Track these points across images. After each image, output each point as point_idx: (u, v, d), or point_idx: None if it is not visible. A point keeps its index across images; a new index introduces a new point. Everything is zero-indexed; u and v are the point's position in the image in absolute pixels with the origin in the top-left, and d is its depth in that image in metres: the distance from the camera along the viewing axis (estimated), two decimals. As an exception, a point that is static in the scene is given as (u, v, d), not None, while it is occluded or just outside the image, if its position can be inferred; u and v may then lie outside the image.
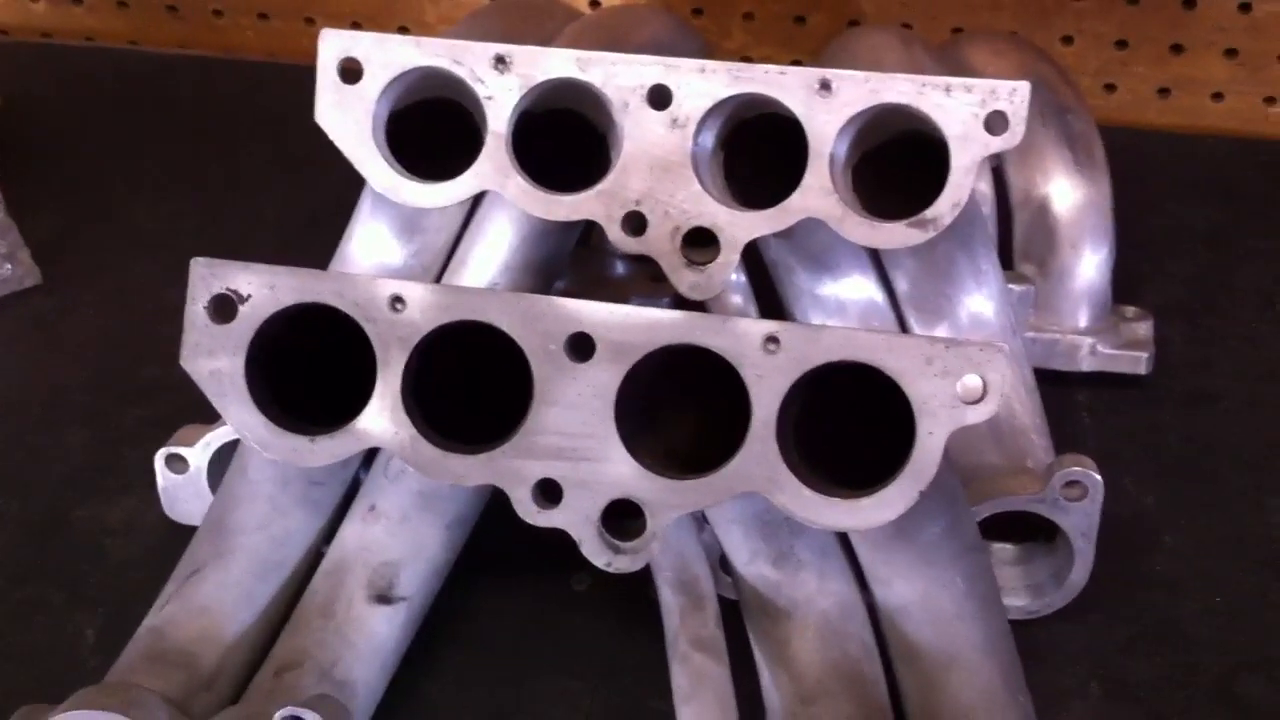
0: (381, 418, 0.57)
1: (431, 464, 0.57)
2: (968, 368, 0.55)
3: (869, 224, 0.66)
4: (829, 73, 0.66)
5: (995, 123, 0.65)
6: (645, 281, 0.87)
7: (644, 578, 0.66)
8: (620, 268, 0.89)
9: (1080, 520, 0.68)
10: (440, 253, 0.76)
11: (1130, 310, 0.84)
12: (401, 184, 0.68)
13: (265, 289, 0.57)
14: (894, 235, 0.66)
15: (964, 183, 0.66)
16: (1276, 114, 1.07)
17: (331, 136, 0.68)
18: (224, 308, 0.57)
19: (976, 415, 0.55)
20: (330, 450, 0.58)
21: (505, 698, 0.69)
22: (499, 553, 0.70)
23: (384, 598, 0.65)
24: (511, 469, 0.57)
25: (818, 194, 0.66)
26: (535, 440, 0.57)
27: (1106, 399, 0.83)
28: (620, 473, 0.56)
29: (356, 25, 1.26)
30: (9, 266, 0.89)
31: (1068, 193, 0.82)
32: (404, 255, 0.75)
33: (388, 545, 0.65)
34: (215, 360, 0.57)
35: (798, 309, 0.74)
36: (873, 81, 0.66)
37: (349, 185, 0.72)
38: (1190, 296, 0.92)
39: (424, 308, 0.57)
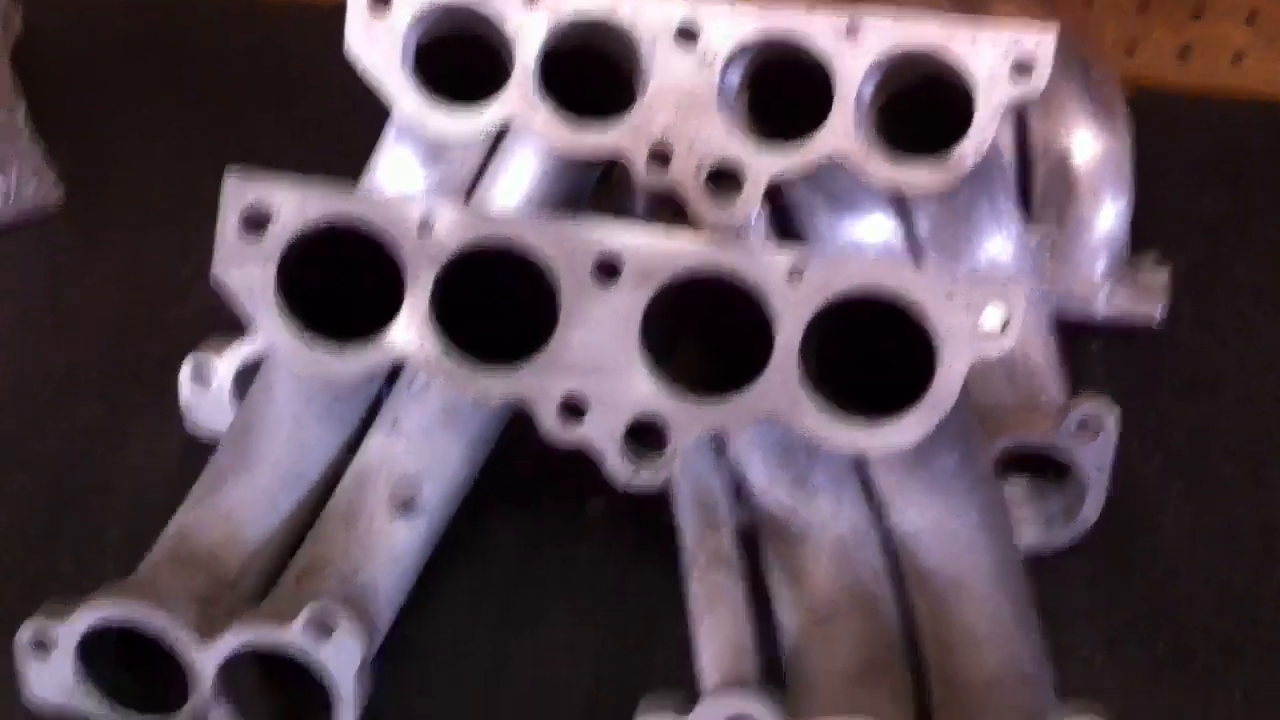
0: (409, 331, 0.58)
1: (457, 378, 0.58)
2: (988, 301, 0.56)
3: (891, 165, 0.67)
4: (857, 15, 0.67)
5: (1021, 68, 0.66)
6: (666, 220, 0.87)
7: (657, 506, 0.68)
8: (641, 207, 0.89)
9: (1095, 457, 0.69)
10: (464, 183, 0.77)
11: (1148, 260, 0.85)
12: (429, 112, 0.69)
13: (295, 205, 0.58)
14: (917, 177, 0.67)
15: (988, 127, 0.67)
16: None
17: (360, 67, 0.69)
18: (255, 221, 0.58)
19: (996, 348, 0.56)
20: (357, 361, 0.59)
21: (510, 642, 0.70)
22: (514, 477, 0.71)
23: (405, 510, 0.66)
24: (536, 385, 0.58)
25: (842, 134, 0.67)
26: (561, 358, 0.58)
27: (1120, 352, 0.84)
28: (643, 391, 0.58)
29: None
30: (35, 182, 0.90)
31: (1088, 143, 0.83)
32: (429, 183, 0.76)
33: (410, 459, 0.66)
34: (246, 271, 0.58)
35: (816, 241, 0.75)
36: (900, 25, 0.67)
37: (367, 136, 0.73)
38: (1204, 247, 0.93)
39: (451, 229, 0.58)
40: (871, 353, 0.61)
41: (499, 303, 0.62)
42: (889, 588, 0.66)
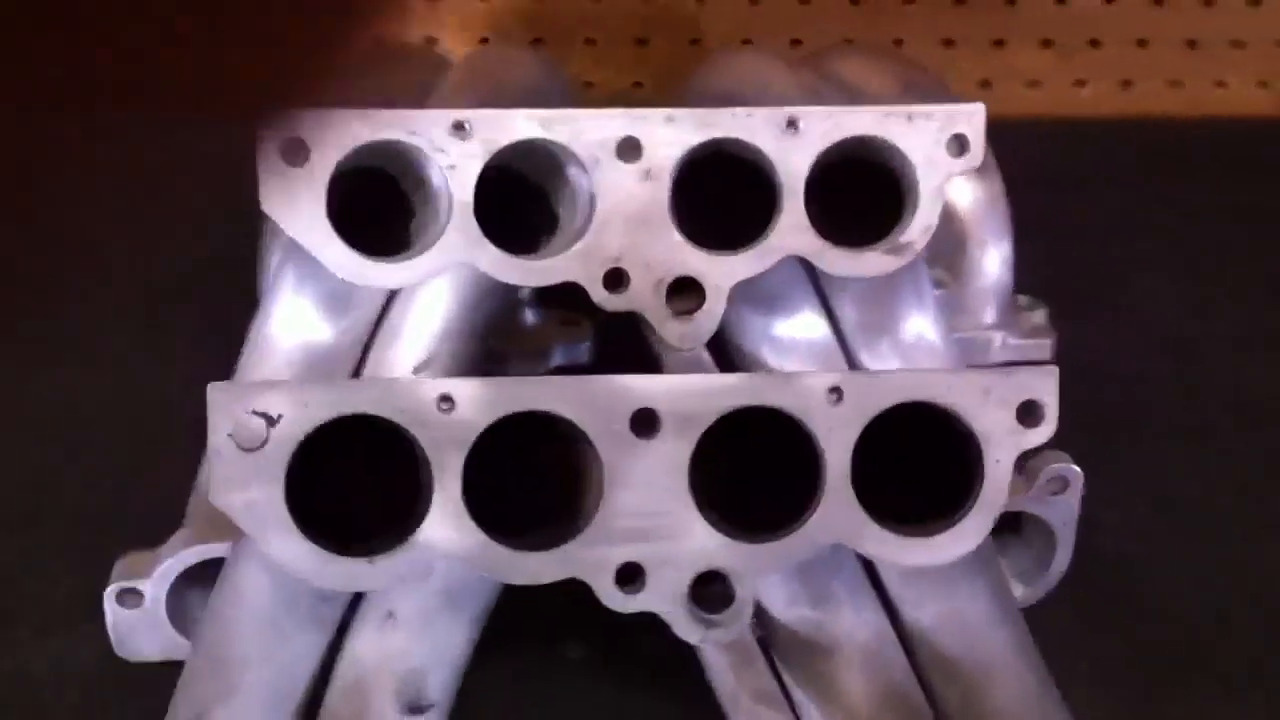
0: (445, 526, 0.53)
1: (505, 566, 0.54)
2: (1023, 394, 0.56)
3: (849, 256, 0.67)
4: (795, 111, 0.66)
5: (957, 146, 0.67)
6: (559, 328, 0.85)
7: (635, 639, 0.66)
8: (530, 316, 0.86)
9: (1064, 512, 0.71)
10: (369, 324, 0.72)
11: (1023, 299, 0.88)
12: (366, 266, 0.63)
13: (297, 407, 0.52)
14: (874, 264, 0.67)
15: (933, 206, 0.67)
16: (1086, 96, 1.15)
17: (282, 225, 0.63)
18: (253, 434, 0.52)
19: (1038, 437, 0.56)
20: (392, 570, 0.53)
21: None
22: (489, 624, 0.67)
23: (414, 708, 0.61)
24: (591, 559, 0.54)
25: (795, 231, 0.66)
26: (612, 525, 0.54)
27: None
28: (703, 545, 0.55)
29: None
30: None
31: (966, 192, 0.85)
32: (333, 332, 0.71)
33: (412, 652, 0.61)
34: (249, 492, 0.52)
35: (756, 351, 0.74)
36: (837, 115, 0.66)
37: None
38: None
39: (475, 403, 0.54)
40: (887, 459, 0.60)
41: (511, 472, 0.58)
42: (917, 685, 0.65)
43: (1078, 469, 0.70)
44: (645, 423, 0.54)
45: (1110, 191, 1.13)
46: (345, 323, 0.72)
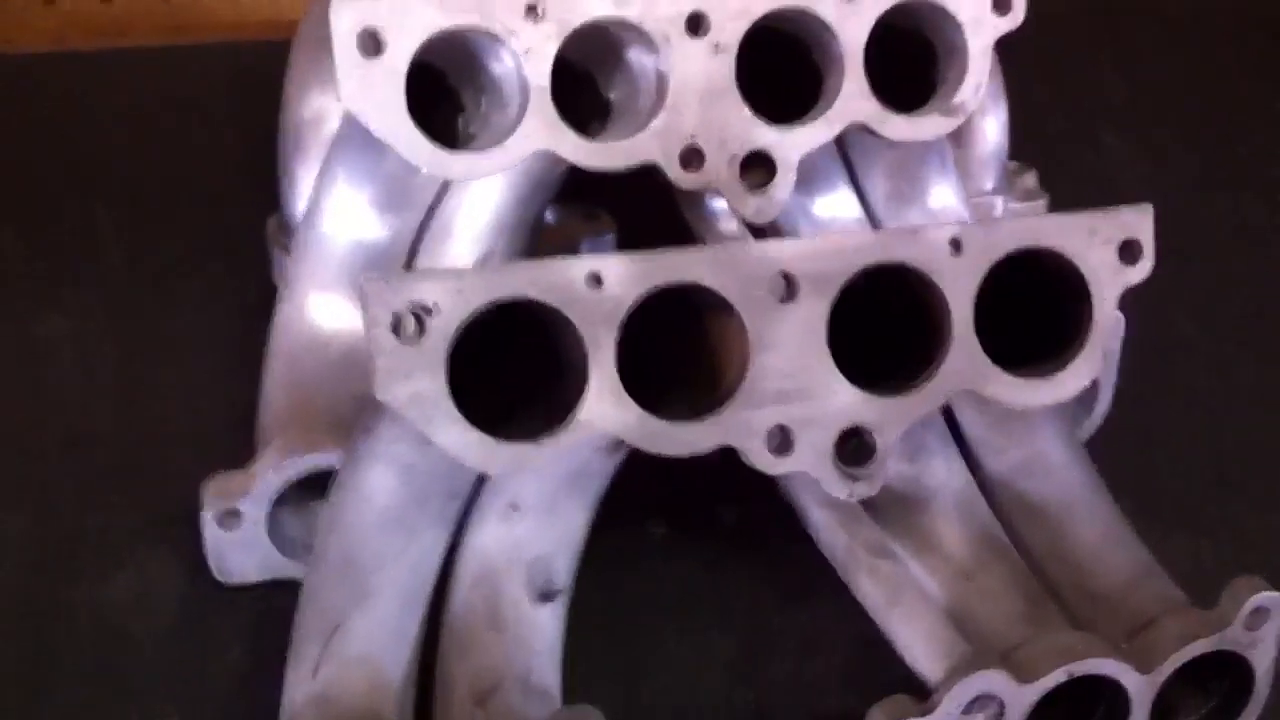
0: (603, 402, 0.54)
1: (662, 439, 0.55)
2: (1124, 232, 0.59)
3: (908, 120, 0.68)
4: (850, -24, 0.66)
5: (1001, 4, 0.68)
6: (582, 223, 0.85)
7: (715, 515, 0.69)
8: (551, 215, 0.85)
9: (1108, 358, 0.74)
10: (419, 220, 0.72)
11: (1013, 164, 0.91)
12: (449, 158, 0.62)
13: (453, 295, 0.52)
14: (932, 126, 0.69)
15: (982, 65, 0.69)
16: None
17: (362, 119, 0.61)
18: (412, 324, 0.51)
19: (1139, 274, 0.59)
20: (557, 449, 0.53)
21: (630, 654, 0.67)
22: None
23: (546, 594, 0.62)
24: (742, 424, 0.55)
25: (858, 98, 0.67)
26: (759, 389, 0.55)
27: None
28: (845, 402, 0.56)
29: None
30: None
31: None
32: (387, 227, 0.71)
33: (538, 539, 0.62)
34: (414, 383, 0.51)
35: (795, 229, 0.75)
36: (888, -21, 0.67)
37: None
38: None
39: (623, 280, 0.54)
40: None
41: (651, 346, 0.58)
42: (1001, 528, 0.69)
43: (1120, 314, 0.73)
44: (785, 286, 0.55)
45: (1067, 58, 1.16)
46: (399, 219, 0.71)
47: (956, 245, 0.57)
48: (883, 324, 0.59)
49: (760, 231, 0.74)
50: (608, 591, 0.69)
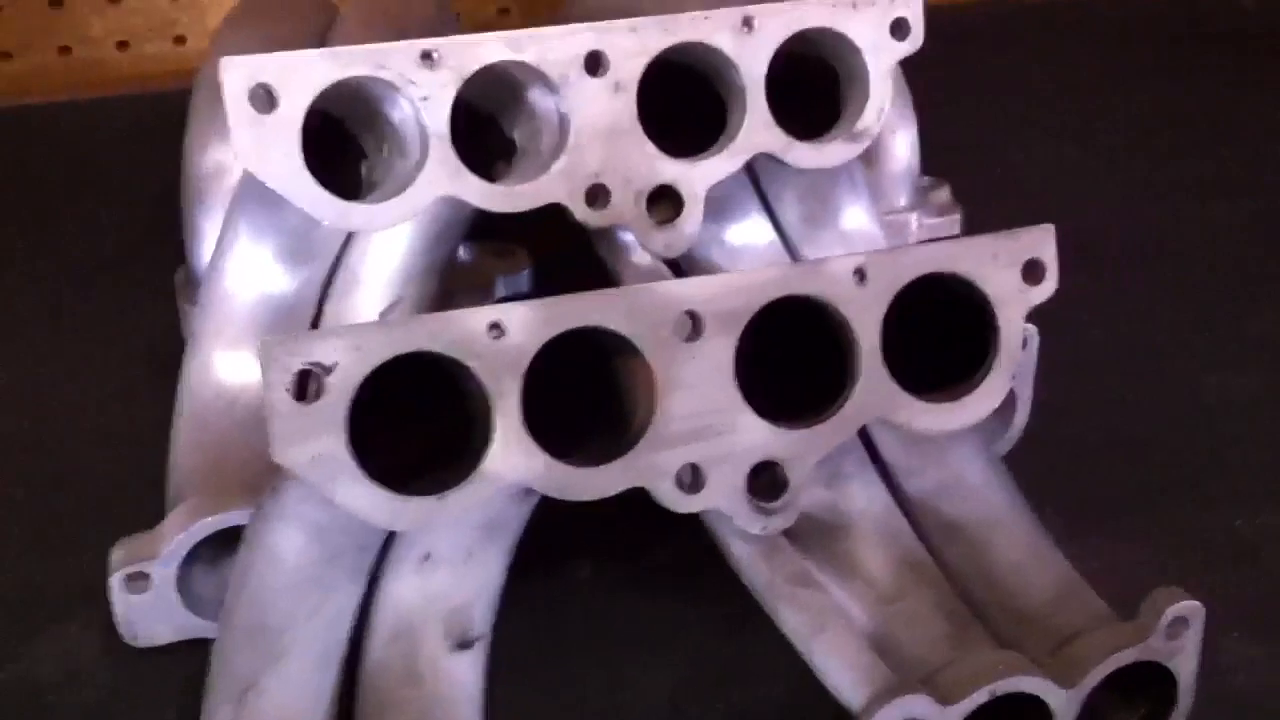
0: (509, 452, 0.53)
1: (571, 485, 0.54)
2: (1027, 252, 0.59)
3: (813, 148, 0.69)
4: (750, 10, 0.67)
5: (899, 29, 0.69)
6: (497, 260, 0.84)
7: (640, 553, 0.69)
8: (465, 252, 0.85)
9: (1022, 370, 0.74)
10: (326, 271, 0.71)
11: (926, 179, 0.92)
12: (350, 210, 0.62)
13: (351, 353, 0.51)
14: (837, 153, 0.69)
15: (884, 89, 0.69)
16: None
17: (259, 175, 0.61)
18: (310, 385, 0.51)
19: (1042, 294, 0.60)
20: (463, 503, 0.53)
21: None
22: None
23: (464, 643, 0.61)
24: (651, 465, 0.55)
25: (762, 129, 0.68)
26: (667, 430, 0.55)
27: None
28: (756, 437, 0.56)
29: (5, 55, 1.08)
30: None
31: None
32: (292, 280, 0.70)
33: (454, 588, 0.61)
34: (314, 444, 0.51)
35: (708, 257, 0.75)
36: (789, 10, 0.68)
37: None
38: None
39: (525, 327, 0.53)
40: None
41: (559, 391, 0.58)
42: (924, 549, 0.69)
43: (1033, 327, 0.74)
44: (690, 325, 0.55)
45: (967, 71, 1.17)
46: (305, 272, 0.70)
47: (861, 275, 0.57)
48: (793, 355, 0.59)
49: (675, 263, 0.75)
50: (532, 636, 0.68)
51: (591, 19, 0.85)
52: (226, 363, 0.70)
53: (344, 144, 0.69)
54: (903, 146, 0.88)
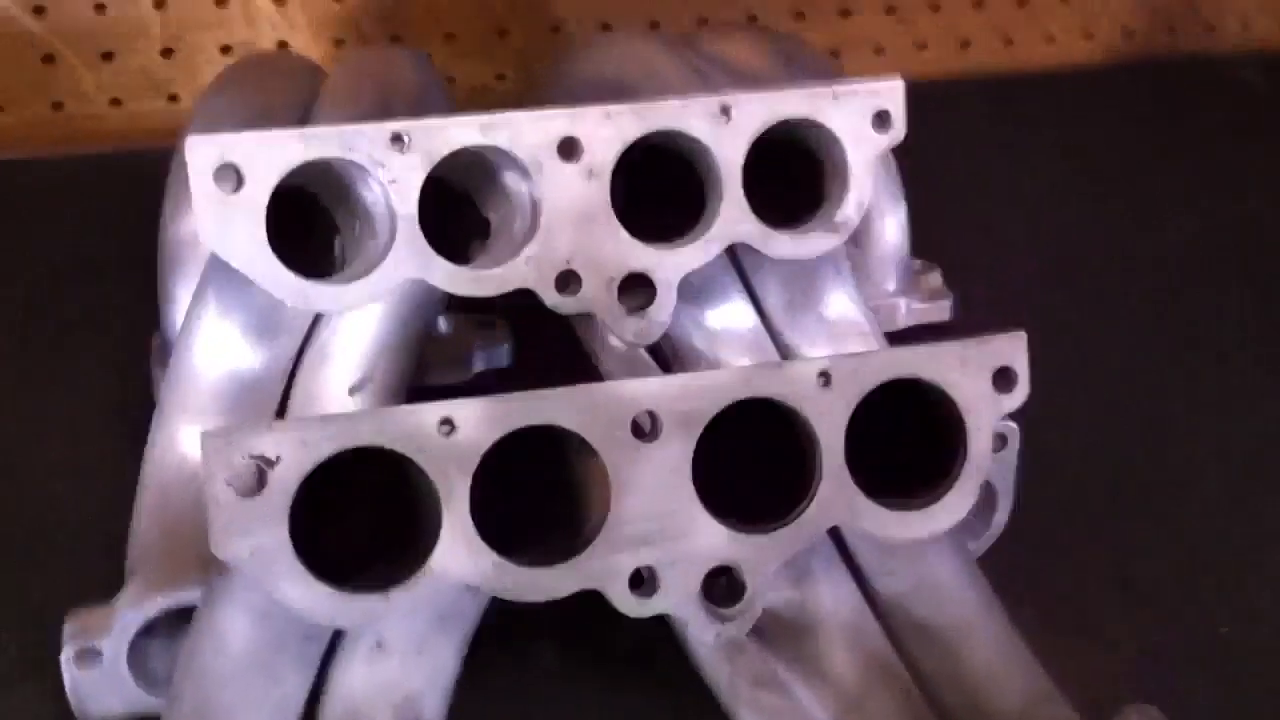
0: (456, 551, 0.52)
1: (520, 586, 0.53)
2: (997, 360, 0.58)
3: (791, 238, 0.68)
4: (727, 98, 0.66)
5: (881, 121, 0.68)
6: (476, 331, 0.83)
7: (608, 639, 0.67)
8: (444, 324, 0.84)
9: (1003, 468, 0.73)
10: (297, 348, 0.70)
11: (917, 263, 0.91)
12: (313, 290, 0.62)
13: (296, 447, 0.50)
14: (815, 244, 0.68)
15: (865, 182, 0.68)
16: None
17: (221, 254, 0.60)
18: (252, 479, 0.50)
19: (1012, 402, 0.58)
20: (408, 602, 0.52)
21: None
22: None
23: (414, 733, 0.60)
24: (603, 568, 0.54)
25: (737, 218, 0.67)
26: (621, 532, 0.54)
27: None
28: (712, 541, 0.55)
29: (-6, 107, 1.09)
30: None
31: (857, 160, 0.86)
32: (262, 358, 0.69)
33: (405, 678, 0.60)
34: (254, 538, 0.50)
35: (689, 341, 0.74)
36: (767, 99, 0.67)
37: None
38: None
39: (476, 423, 0.52)
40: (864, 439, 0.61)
41: (510, 488, 0.57)
42: (893, 652, 0.67)
43: (1014, 425, 0.72)
44: (646, 427, 0.54)
45: (956, 146, 1.17)
46: (274, 348, 0.69)
47: (825, 378, 0.56)
48: (755, 455, 0.58)
49: (656, 346, 0.73)
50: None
51: (579, 91, 0.85)
52: (191, 438, 0.69)
53: (317, 218, 0.68)
54: (892, 230, 0.87)
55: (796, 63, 0.93)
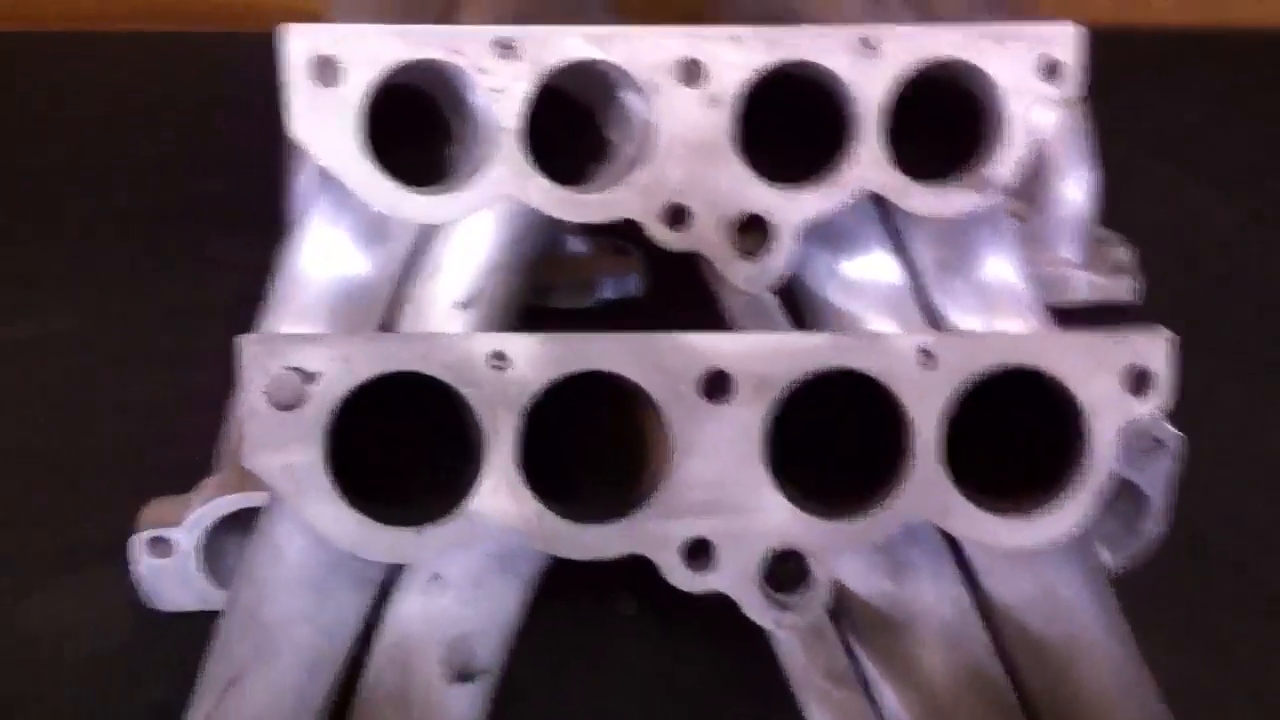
0: (498, 494, 0.49)
1: (562, 540, 0.49)
2: (1133, 359, 0.51)
3: (931, 193, 0.61)
4: (872, 30, 0.60)
5: (1049, 70, 0.61)
6: (609, 257, 0.79)
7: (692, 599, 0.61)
8: (576, 244, 0.80)
9: (1157, 476, 0.66)
10: (408, 255, 0.67)
11: (1102, 232, 0.82)
12: (403, 198, 0.58)
13: (338, 363, 0.47)
14: (957, 202, 0.62)
15: (1024, 138, 0.61)
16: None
17: (311, 152, 0.57)
18: (290, 391, 0.47)
19: (1147, 407, 0.51)
20: (441, 541, 0.49)
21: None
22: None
23: (464, 675, 0.57)
24: (655, 533, 0.50)
25: (871, 165, 0.61)
26: (678, 496, 0.50)
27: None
28: (777, 520, 0.50)
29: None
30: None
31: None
32: (370, 264, 0.66)
33: (461, 616, 0.57)
34: (287, 454, 0.47)
35: (822, 291, 0.68)
36: (917, 35, 0.60)
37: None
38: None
39: (531, 361, 0.48)
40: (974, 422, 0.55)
41: (567, 433, 0.53)
42: (998, 662, 0.61)
43: (1175, 430, 0.64)
44: (716, 385, 0.49)
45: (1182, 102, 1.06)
46: (383, 254, 0.66)
47: (928, 357, 0.50)
48: (837, 431, 0.52)
49: (787, 294, 0.68)
50: (560, 679, 0.64)
51: (750, 12, 0.80)
52: (288, 339, 0.67)
53: (436, 124, 0.65)
54: (1074, 191, 0.78)
55: (1001, 13, 0.85)
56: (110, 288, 0.86)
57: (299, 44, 0.56)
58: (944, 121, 0.64)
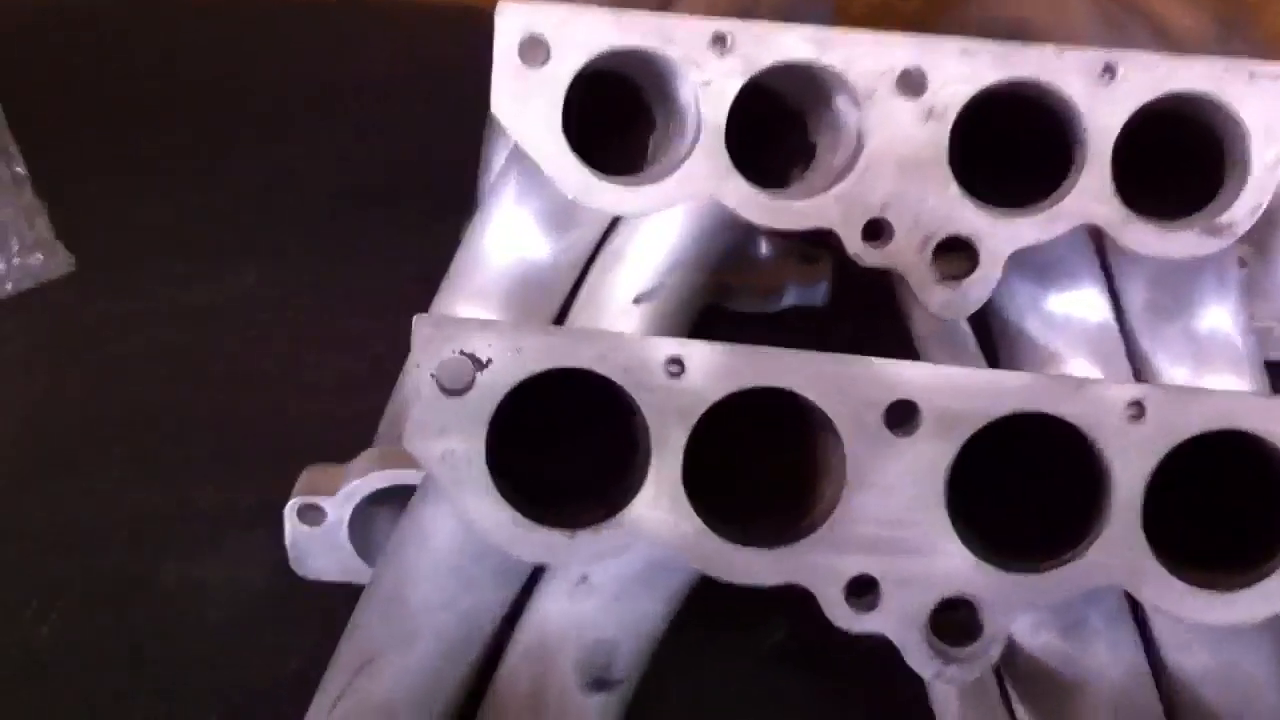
0: (658, 507, 0.46)
1: (719, 561, 0.47)
2: (1366, 434, 0.46)
3: (1156, 233, 0.57)
4: (1114, 55, 0.55)
5: (1305, 114, 0.55)
6: (796, 264, 0.76)
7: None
8: (764, 246, 0.78)
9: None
10: (591, 244, 0.65)
11: (1332, 289, 0.76)
12: (597, 186, 0.56)
13: (509, 352, 0.46)
14: (1184, 244, 0.57)
15: (1267, 184, 0.56)
16: None
17: (510, 130, 0.56)
18: (458, 376, 0.46)
19: (1375, 490, 0.46)
20: (594, 547, 0.47)
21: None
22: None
23: (599, 682, 0.55)
24: (820, 565, 0.47)
25: (1096, 197, 0.56)
26: (849, 530, 0.47)
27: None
28: (952, 566, 0.47)
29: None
30: (39, 255, 0.75)
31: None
32: (553, 250, 0.65)
33: (603, 622, 0.55)
34: (449, 440, 0.46)
35: (1020, 322, 0.64)
36: (1164, 64, 0.56)
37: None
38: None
39: (708, 371, 0.46)
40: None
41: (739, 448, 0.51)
42: (1169, 735, 0.56)
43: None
44: (903, 416, 0.46)
45: None
46: (566, 241, 0.65)
47: (1139, 410, 0.46)
48: (1026, 476, 0.49)
49: (982, 321, 0.65)
50: (698, 700, 0.62)
51: (979, 27, 0.76)
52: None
53: (640, 113, 0.63)
54: (1310, 242, 0.73)
55: (1239, 34, 0.80)
56: (299, 257, 0.86)
57: (510, 21, 0.55)
58: (1171, 154, 0.60)
